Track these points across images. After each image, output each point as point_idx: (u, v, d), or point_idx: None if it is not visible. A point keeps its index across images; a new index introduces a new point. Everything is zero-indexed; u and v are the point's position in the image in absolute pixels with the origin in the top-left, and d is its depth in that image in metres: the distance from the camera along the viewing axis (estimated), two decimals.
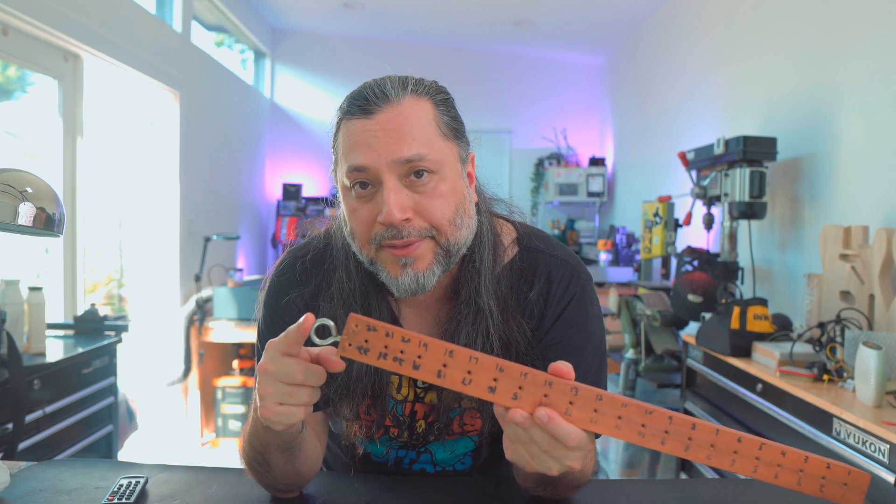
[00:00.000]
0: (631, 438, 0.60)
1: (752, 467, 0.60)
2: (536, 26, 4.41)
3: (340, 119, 0.78)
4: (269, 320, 0.87)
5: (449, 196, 0.76)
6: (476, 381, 0.61)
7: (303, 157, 5.10)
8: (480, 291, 0.80)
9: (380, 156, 0.73)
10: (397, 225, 0.73)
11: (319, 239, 0.89)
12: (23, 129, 2.43)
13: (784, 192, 2.49)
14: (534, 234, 0.89)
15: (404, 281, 0.75)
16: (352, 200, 0.77)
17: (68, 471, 0.87)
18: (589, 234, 4.94)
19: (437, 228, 0.75)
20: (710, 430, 0.59)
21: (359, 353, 0.61)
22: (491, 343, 0.80)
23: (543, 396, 0.60)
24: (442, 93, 0.80)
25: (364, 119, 0.74)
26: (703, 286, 2.33)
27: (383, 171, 0.73)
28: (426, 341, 0.61)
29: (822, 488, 0.61)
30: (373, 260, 0.77)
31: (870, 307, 1.74)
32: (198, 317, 3.21)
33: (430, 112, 0.76)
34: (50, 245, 2.49)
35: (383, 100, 0.74)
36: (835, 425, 1.44)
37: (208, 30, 4.16)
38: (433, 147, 0.75)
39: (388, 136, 0.73)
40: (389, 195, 0.72)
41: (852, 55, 2.12)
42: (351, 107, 0.76)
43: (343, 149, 0.76)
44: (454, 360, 0.61)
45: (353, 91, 0.78)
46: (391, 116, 0.74)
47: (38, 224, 0.88)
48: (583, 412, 0.60)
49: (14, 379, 1.59)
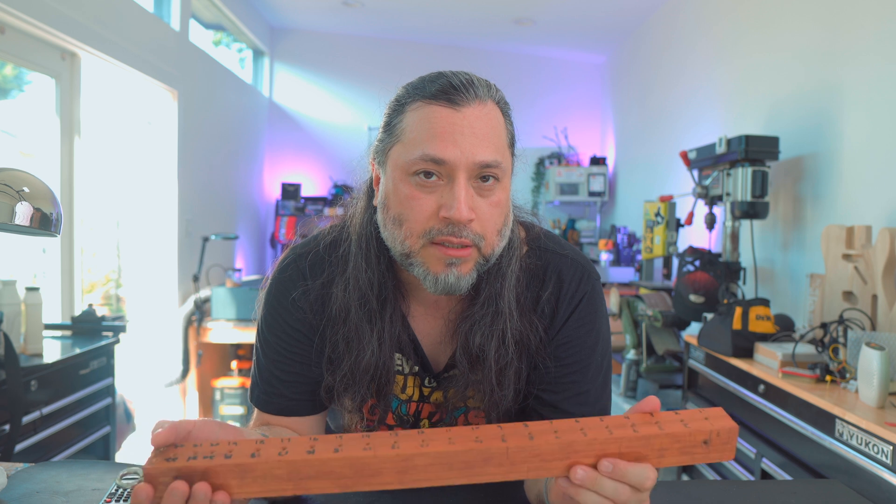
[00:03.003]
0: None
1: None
2: (537, 24, 4.40)
3: (411, 98, 0.74)
4: (270, 319, 0.85)
5: (503, 206, 0.75)
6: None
7: (302, 156, 5.09)
8: (503, 293, 0.80)
9: (462, 153, 0.70)
10: (463, 223, 0.71)
11: (325, 237, 0.87)
12: (20, 128, 2.41)
13: (786, 192, 2.48)
14: (543, 233, 0.88)
15: (445, 279, 0.73)
16: (410, 187, 0.72)
17: (65, 472, 0.87)
18: (590, 234, 4.93)
19: (486, 237, 0.74)
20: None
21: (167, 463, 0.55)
22: (507, 345, 0.79)
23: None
24: (508, 105, 0.80)
25: (450, 109, 0.71)
26: (704, 286, 2.32)
27: (461, 168, 0.71)
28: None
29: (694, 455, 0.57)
30: (411, 252, 0.74)
31: (873, 307, 1.73)
32: (196, 317, 3.20)
33: (502, 121, 0.76)
34: (47, 245, 2.48)
35: (472, 94, 0.72)
36: (837, 426, 1.43)
37: (206, 28, 4.14)
38: (504, 156, 0.75)
39: (474, 135, 0.71)
40: (462, 192, 0.71)
41: (856, 53, 2.10)
42: (435, 91, 0.72)
43: (418, 133, 0.72)
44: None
45: (431, 74, 0.75)
46: (479, 114, 0.72)
47: (35, 224, 0.87)
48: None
49: (11, 380, 1.59)
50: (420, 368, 0.85)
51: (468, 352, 0.80)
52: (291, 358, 0.84)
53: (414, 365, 0.85)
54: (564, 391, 0.82)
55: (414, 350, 0.84)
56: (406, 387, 0.86)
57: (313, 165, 5.09)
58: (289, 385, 0.84)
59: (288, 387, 0.84)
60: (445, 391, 0.84)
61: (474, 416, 0.86)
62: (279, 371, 0.84)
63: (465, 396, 0.83)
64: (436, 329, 0.85)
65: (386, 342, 0.80)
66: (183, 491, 0.55)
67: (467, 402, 0.84)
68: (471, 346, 0.79)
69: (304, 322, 0.83)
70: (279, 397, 0.84)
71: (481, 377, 0.80)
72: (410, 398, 0.86)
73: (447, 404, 0.84)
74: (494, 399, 0.81)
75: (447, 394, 0.84)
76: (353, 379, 0.80)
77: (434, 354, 0.85)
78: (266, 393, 0.85)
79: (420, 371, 0.85)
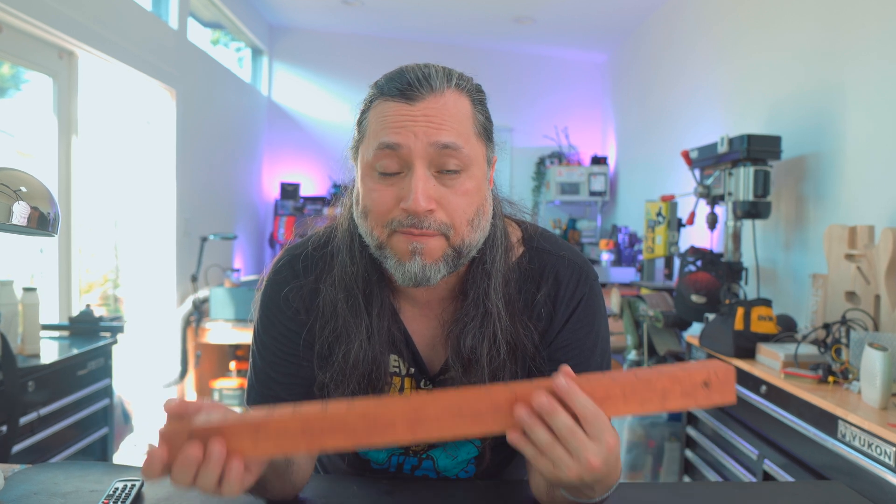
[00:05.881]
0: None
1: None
2: (538, 23, 4.39)
3: (374, 97, 0.75)
4: (265, 320, 0.85)
5: (473, 195, 0.74)
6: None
7: (301, 155, 5.08)
8: (490, 294, 0.79)
9: (417, 137, 0.71)
10: (420, 214, 0.71)
11: (318, 236, 0.87)
12: (17, 127, 2.40)
13: (789, 192, 2.47)
14: (540, 233, 0.87)
15: (410, 268, 0.73)
16: (374, 180, 0.74)
17: (63, 474, 0.86)
18: (591, 234, 4.92)
19: (454, 227, 0.73)
20: None
21: None
22: (498, 346, 0.78)
23: None
24: (480, 92, 0.79)
25: (404, 104, 0.72)
26: (706, 287, 2.31)
27: (416, 154, 0.71)
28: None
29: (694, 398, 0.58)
30: (382, 244, 0.75)
31: (875, 308, 1.72)
32: (194, 318, 3.19)
33: (468, 109, 0.75)
34: (44, 245, 2.47)
35: (427, 88, 0.72)
36: (840, 427, 1.43)
37: (205, 27, 4.13)
38: (468, 142, 0.74)
39: (428, 122, 0.71)
40: (418, 182, 0.70)
41: (858, 52, 2.10)
42: (391, 88, 0.73)
43: (375, 126, 0.73)
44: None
45: (393, 72, 0.76)
46: (433, 105, 0.72)
47: (33, 224, 0.87)
48: None
49: (8, 381, 1.58)
50: (416, 370, 0.84)
51: (460, 355, 0.79)
52: (287, 359, 0.83)
53: (410, 367, 0.84)
54: None
55: (409, 350, 0.84)
56: (403, 388, 0.85)
57: (312, 165, 5.08)
58: (285, 387, 0.83)
59: (284, 388, 0.83)
60: None
61: None
62: (275, 373, 0.83)
63: None
64: (430, 330, 0.84)
65: (375, 336, 0.79)
66: (196, 456, 0.55)
67: None
68: (462, 348, 0.79)
69: (298, 322, 0.83)
70: (275, 399, 0.83)
71: (476, 380, 0.79)
72: None
73: None
74: None
75: None
76: (343, 374, 0.80)
77: (429, 357, 0.84)
78: (262, 395, 0.84)
79: (416, 373, 0.84)
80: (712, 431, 2.07)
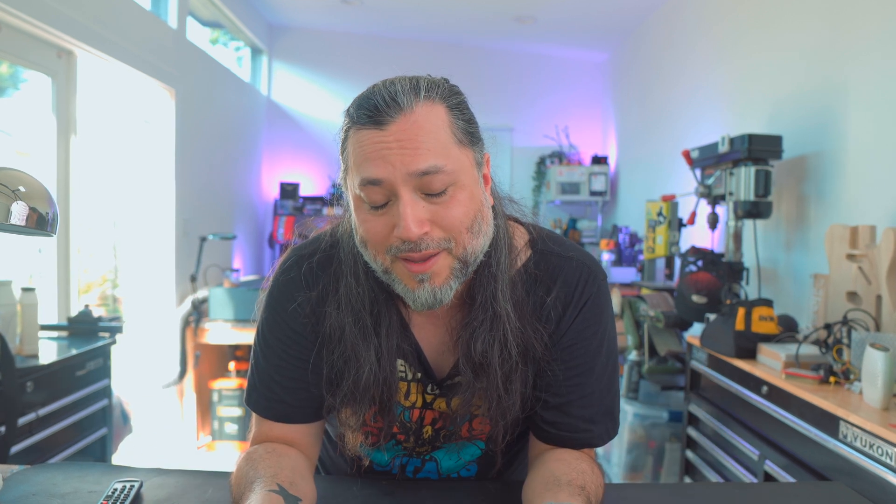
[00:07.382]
0: None
1: None
2: (538, 22, 4.38)
3: (348, 126, 0.74)
4: (273, 323, 0.84)
5: (467, 204, 0.73)
6: None
7: (300, 155, 5.07)
8: (497, 296, 0.78)
9: (395, 168, 0.69)
10: (413, 240, 0.70)
11: (325, 240, 0.86)
12: (15, 126, 2.40)
13: (790, 191, 2.46)
14: (547, 236, 0.87)
15: (421, 295, 0.73)
16: (365, 212, 0.73)
17: (61, 475, 0.86)
18: (591, 234, 4.92)
19: (455, 238, 0.72)
20: None
21: None
22: (509, 349, 0.78)
23: None
24: (455, 94, 0.76)
25: (376, 131, 0.70)
26: (707, 287, 2.30)
27: (399, 183, 0.70)
28: None
29: None
30: (388, 269, 0.75)
31: (877, 308, 1.72)
32: (193, 318, 3.18)
33: (444, 118, 0.72)
34: (43, 245, 2.46)
35: (395, 109, 0.70)
36: (841, 428, 1.42)
37: (204, 26, 4.12)
38: (449, 156, 0.71)
39: (402, 149, 0.69)
40: (406, 209, 0.69)
41: (860, 51, 2.09)
42: (360, 116, 0.72)
43: (354, 160, 0.72)
44: None
45: (362, 95, 0.74)
46: (405, 127, 0.70)
47: (31, 224, 0.86)
48: None
49: (6, 381, 1.57)
50: (423, 375, 0.84)
51: (471, 360, 0.78)
52: (293, 363, 0.82)
53: (416, 372, 0.84)
54: (570, 394, 0.81)
55: (417, 357, 0.83)
56: (409, 393, 0.84)
57: (312, 165, 5.07)
58: (290, 391, 0.82)
59: (289, 393, 0.82)
60: (448, 399, 0.83)
61: (479, 424, 0.85)
62: (280, 376, 0.83)
63: (471, 405, 0.81)
64: (437, 337, 0.83)
65: (384, 357, 0.79)
66: None
67: (471, 409, 0.83)
68: (473, 353, 0.78)
69: (306, 326, 0.82)
70: (279, 403, 0.83)
71: (487, 384, 0.78)
72: (414, 405, 0.85)
73: (454, 415, 0.83)
74: (502, 406, 0.79)
75: (450, 402, 0.83)
76: (354, 398, 0.79)
77: (437, 362, 0.84)
78: (266, 398, 0.83)
79: (423, 378, 0.84)
80: (713, 432, 2.07)
